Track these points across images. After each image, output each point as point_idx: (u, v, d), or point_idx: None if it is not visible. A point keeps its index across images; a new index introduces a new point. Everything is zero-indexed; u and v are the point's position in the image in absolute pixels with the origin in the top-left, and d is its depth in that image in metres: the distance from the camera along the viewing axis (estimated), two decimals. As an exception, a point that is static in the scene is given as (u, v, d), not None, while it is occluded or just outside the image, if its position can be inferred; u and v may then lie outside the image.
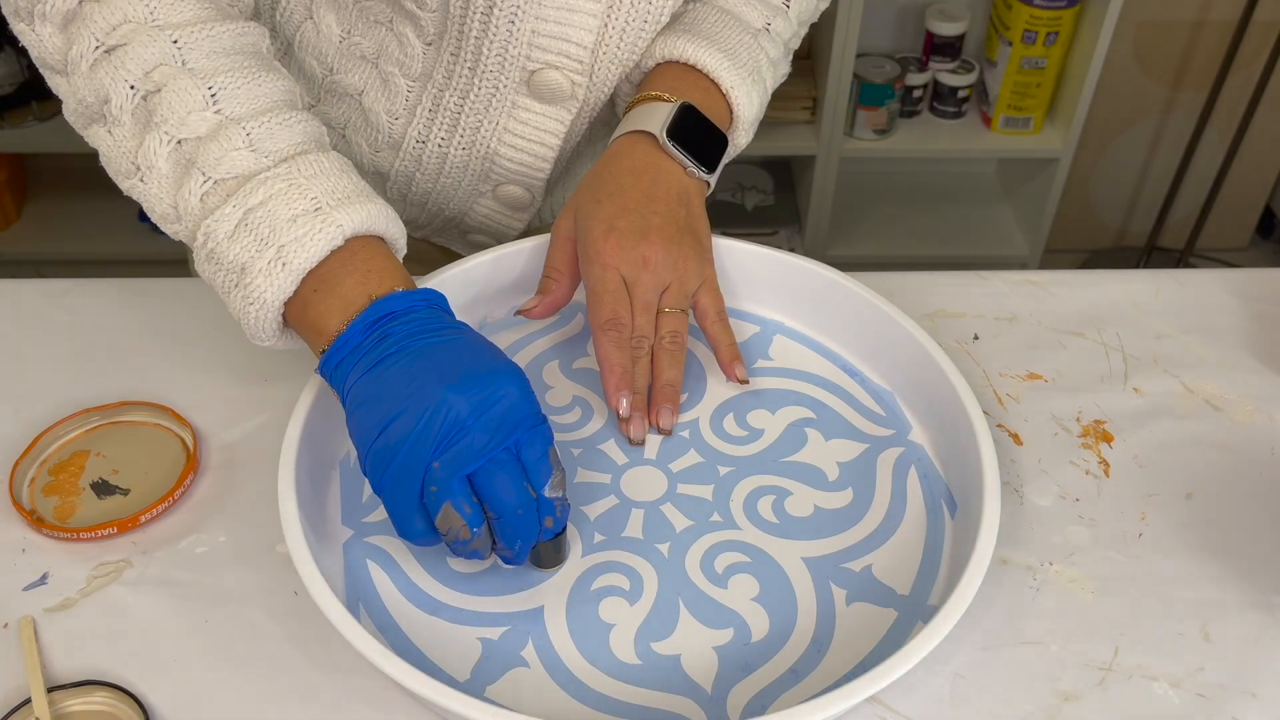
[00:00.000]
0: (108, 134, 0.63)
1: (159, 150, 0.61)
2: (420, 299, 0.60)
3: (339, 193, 0.61)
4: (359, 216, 0.60)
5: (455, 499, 0.55)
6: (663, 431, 0.69)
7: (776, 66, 0.79)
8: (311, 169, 0.61)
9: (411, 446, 0.55)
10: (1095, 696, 0.59)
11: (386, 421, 0.55)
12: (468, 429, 0.55)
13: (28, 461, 0.68)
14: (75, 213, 2.06)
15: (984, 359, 0.78)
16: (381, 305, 0.59)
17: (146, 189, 0.62)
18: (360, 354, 0.58)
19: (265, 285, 0.59)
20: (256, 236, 0.59)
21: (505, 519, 0.56)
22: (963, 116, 1.98)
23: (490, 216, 0.83)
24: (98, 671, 0.59)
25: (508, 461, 0.56)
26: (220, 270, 0.61)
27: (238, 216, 0.60)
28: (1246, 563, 0.66)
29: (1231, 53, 1.90)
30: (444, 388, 0.55)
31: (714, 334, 0.71)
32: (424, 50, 0.73)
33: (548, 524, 0.58)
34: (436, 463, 0.55)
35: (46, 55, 0.64)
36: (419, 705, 0.58)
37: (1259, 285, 0.85)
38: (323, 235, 0.59)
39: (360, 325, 0.58)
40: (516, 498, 0.56)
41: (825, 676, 0.58)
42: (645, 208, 0.69)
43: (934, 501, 0.66)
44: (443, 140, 0.77)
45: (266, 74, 0.63)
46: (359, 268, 0.60)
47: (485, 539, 0.57)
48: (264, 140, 0.61)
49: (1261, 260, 2.31)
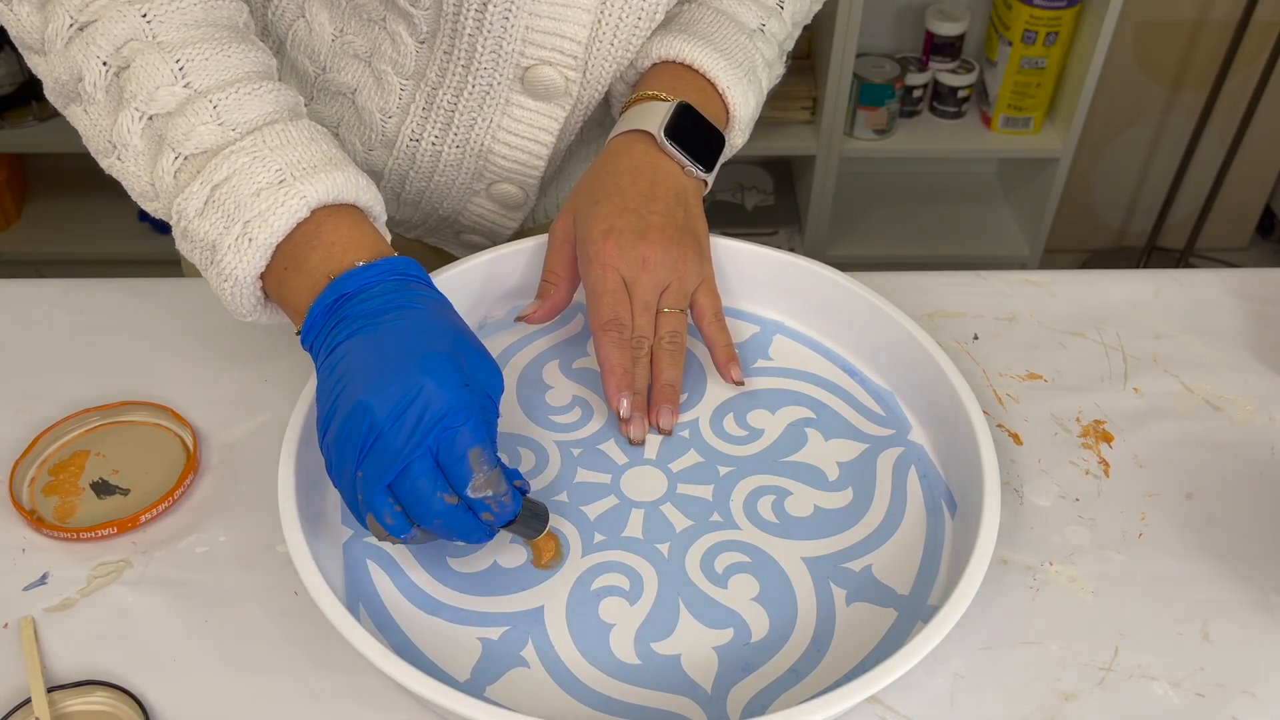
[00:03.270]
0: (84, 113, 0.63)
1: (132, 128, 0.60)
2: (378, 273, 0.58)
3: (304, 162, 0.60)
4: (324, 186, 0.59)
5: (376, 510, 0.54)
6: (663, 432, 0.69)
7: (771, 67, 0.79)
8: (278, 139, 0.60)
9: (339, 452, 0.54)
10: (1095, 696, 0.59)
11: (324, 424, 0.55)
12: (382, 434, 0.53)
13: (28, 461, 0.68)
14: (75, 213, 2.06)
15: (984, 359, 0.78)
16: (337, 286, 0.58)
17: (124, 167, 0.62)
18: (321, 339, 0.57)
19: (235, 262, 0.59)
20: (223, 213, 0.59)
21: (431, 527, 0.55)
22: (963, 116, 1.98)
23: (484, 216, 0.83)
24: (98, 671, 0.59)
25: (423, 470, 0.54)
26: (195, 248, 0.60)
27: (205, 194, 0.59)
28: (1246, 563, 0.66)
29: (1231, 53, 1.90)
30: (364, 390, 0.54)
31: (710, 334, 0.71)
32: (417, 48, 0.73)
33: (486, 519, 0.55)
34: (360, 471, 0.54)
35: (25, 34, 0.63)
36: (419, 705, 0.58)
37: (1259, 285, 0.85)
38: (285, 208, 0.58)
39: (319, 310, 0.58)
40: (431, 506, 0.54)
41: (825, 676, 0.58)
42: (644, 207, 0.69)
43: (934, 501, 0.66)
44: (436, 138, 0.77)
45: (237, 45, 0.62)
46: (324, 240, 0.59)
47: (426, 536, 0.56)
48: (231, 112, 0.60)
49: (1261, 260, 2.31)
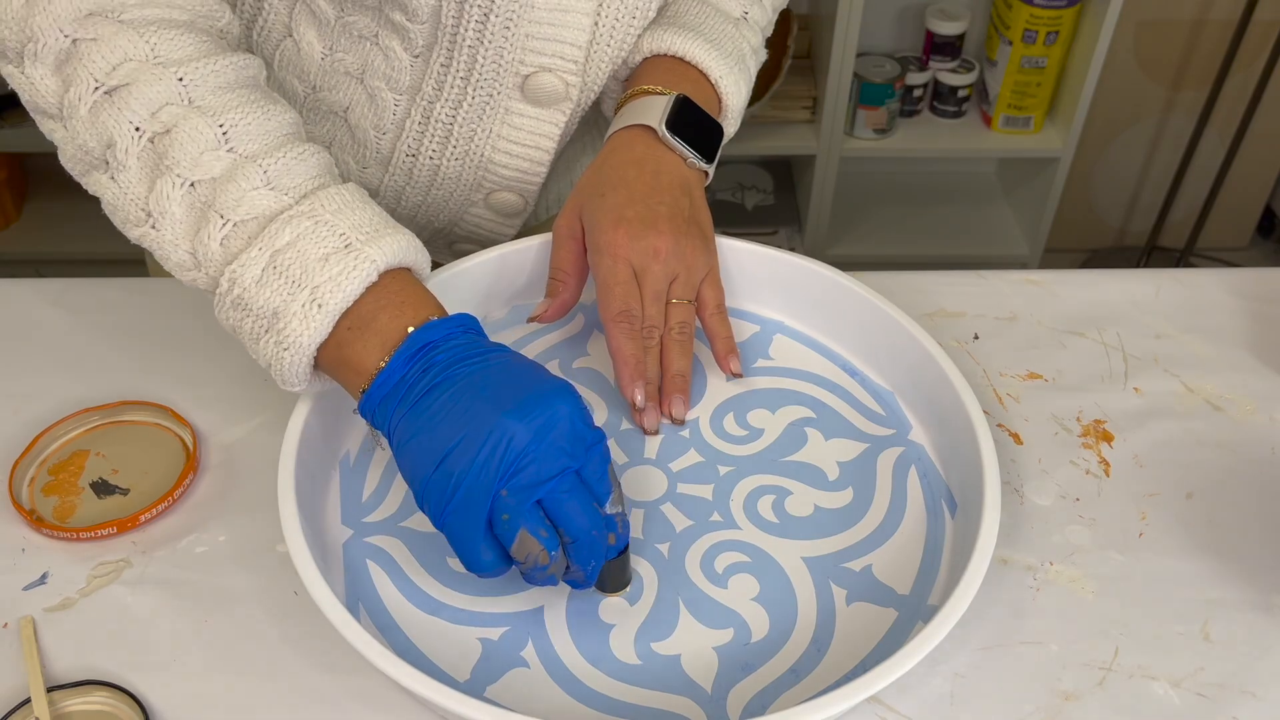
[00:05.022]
0: (111, 181, 0.60)
1: (172, 194, 0.58)
2: (456, 325, 0.58)
3: (366, 227, 0.59)
4: (390, 250, 0.58)
5: (531, 525, 0.54)
6: (675, 421, 0.69)
7: (757, 54, 0.80)
8: (335, 203, 0.59)
9: (476, 477, 0.53)
10: (1095, 696, 0.59)
11: (444, 453, 0.54)
12: (532, 455, 0.53)
13: (27, 461, 0.68)
14: (75, 213, 2.06)
15: (984, 359, 0.78)
16: (420, 336, 0.57)
17: (160, 236, 0.59)
18: (404, 388, 0.56)
19: (301, 329, 0.57)
20: (287, 279, 0.57)
21: (580, 541, 0.55)
22: (963, 116, 1.98)
23: (481, 225, 0.83)
24: (97, 671, 0.59)
25: (574, 483, 0.55)
26: (249, 316, 0.58)
27: (265, 259, 0.57)
28: (1246, 563, 0.66)
29: (1231, 53, 1.90)
30: (501, 414, 0.53)
31: (712, 327, 0.71)
32: (411, 63, 0.72)
33: (611, 540, 0.57)
34: (505, 491, 0.53)
35: (39, 99, 0.61)
36: (419, 705, 0.58)
37: (1259, 285, 0.85)
38: (357, 273, 0.57)
39: (401, 359, 0.56)
40: (589, 518, 0.55)
41: (825, 676, 0.58)
42: (651, 198, 0.69)
43: (934, 501, 0.66)
44: (435, 153, 0.76)
45: (273, 107, 0.61)
46: (392, 301, 0.58)
47: (561, 562, 0.55)
48: (282, 177, 0.59)
49: (1261, 260, 2.31)
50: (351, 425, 0.68)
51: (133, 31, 0.59)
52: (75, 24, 0.59)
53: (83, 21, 0.59)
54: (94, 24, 0.59)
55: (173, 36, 0.60)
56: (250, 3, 0.74)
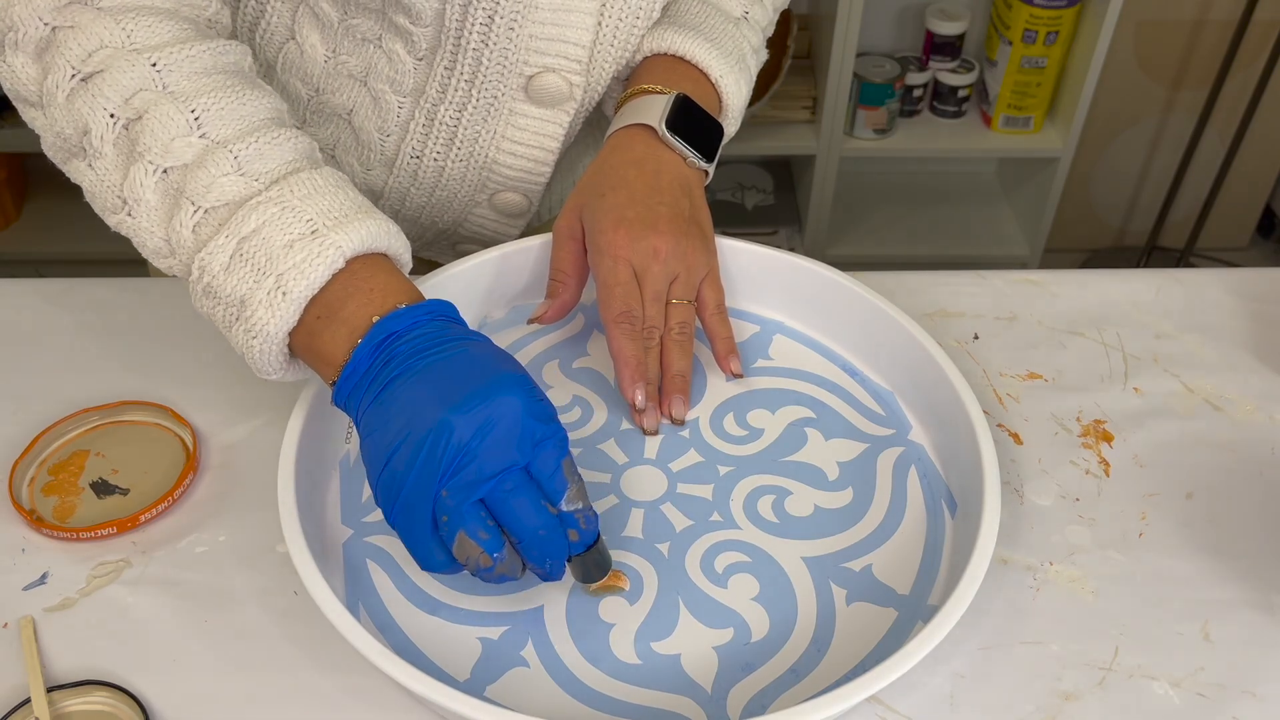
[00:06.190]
0: (89, 168, 0.60)
1: (145, 181, 0.58)
2: (424, 312, 0.57)
3: (335, 212, 0.58)
4: (358, 235, 0.57)
5: (468, 526, 0.53)
6: (676, 421, 0.69)
7: (757, 54, 0.80)
8: (304, 188, 0.58)
9: (417, 476, 0.52)
10: (1095, 696, 0.59)
11: (390, 452, 0.53)
12: (473, 452, 0.52)
13: (27, 461, 0.68)
14: (75, 213, 2.04)
15: (984, 359, 0.78)
16: (384, 325, 0.56)
17: (135, 223, 0.59)
18: (368, 380, 0.55)
19: (267, 317, 0.56)
20: (253, 266, 0.56)
21: (527, 541, 0.54)
22: (963, 116, 1.98)
23: (485, 226, 0.83)
24: (97, 671, 0.59)
25: (520, 481, 0.53)
26: (219, 305, 0.58)
27: (232, 247, 0.57)
28: (1246, 563, 0.66)
29: (1231, 53, 1.90)
30: (444, 410, 0.52)
31: (712, 327, 0.71)
32: (415, 65, 0.72)
33: (573, 537, 0.55)
34: (445, 491, 0.52)
35: (21, 88, 0.61)
36: (419, 705, 0.57)
37: (1259, 285, 0.85)
38: (321, 259, 0.56)
39: (365, 350, 0.55)
40: (537, 518, 0.53)
41: (825, 676, 0.58)
42: (651, 198, 0.69)
43: (934, 501, 0.66)
44: (439, 154, 0.76)
45: (250, 92, 0.61)
46: (361, 288, 0.57)
47: (512, 562, 0.54)
48: (252, 162, 0.58)
49: (1261, 260, 2.31)
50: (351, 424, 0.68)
51: (109, 19, 0.59)
52: (54, 12, 0.59)
53: (62, 9, 0.59)
54: (73, 11, 0.59)
55: (150, 23, 0.60)
56: (253, 5, 0.74)
